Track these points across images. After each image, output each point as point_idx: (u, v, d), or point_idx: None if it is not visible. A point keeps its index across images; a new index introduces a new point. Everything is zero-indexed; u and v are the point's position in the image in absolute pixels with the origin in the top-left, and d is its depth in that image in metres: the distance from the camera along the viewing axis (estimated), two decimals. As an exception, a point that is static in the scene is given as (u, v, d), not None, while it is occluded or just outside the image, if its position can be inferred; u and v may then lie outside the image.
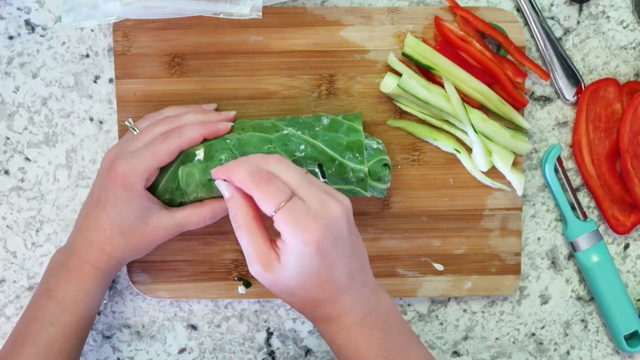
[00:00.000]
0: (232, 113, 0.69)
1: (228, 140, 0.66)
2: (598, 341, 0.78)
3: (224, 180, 0.60)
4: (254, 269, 0.57)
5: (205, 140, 0.66)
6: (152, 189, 0.66)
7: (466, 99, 0.72)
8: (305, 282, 0.56)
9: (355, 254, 0.58)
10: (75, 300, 0.65)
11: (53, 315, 0.64)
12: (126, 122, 0.68)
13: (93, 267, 0.65)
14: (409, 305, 0.77)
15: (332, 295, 0.58)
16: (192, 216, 0.66)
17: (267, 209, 0.55)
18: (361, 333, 0.59)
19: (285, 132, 0.66)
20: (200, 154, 0.66)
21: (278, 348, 0.77)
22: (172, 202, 0.68)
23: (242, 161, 0.58)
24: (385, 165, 0.68)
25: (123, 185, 0.63)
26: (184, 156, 0.66)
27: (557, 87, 0.75)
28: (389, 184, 0.69)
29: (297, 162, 0.65)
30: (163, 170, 0.66)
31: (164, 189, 0.67)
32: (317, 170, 0.66)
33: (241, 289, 0.74)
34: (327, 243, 0.55)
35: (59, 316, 0.64)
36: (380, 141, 0.69)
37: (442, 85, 0.72)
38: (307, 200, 0.55)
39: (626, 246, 0.78)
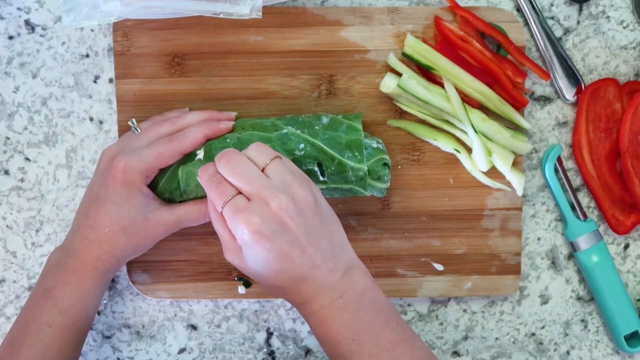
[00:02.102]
0: (234, 114, 0.71)
1: (228, 140, 0.66)
2: (598, 341, 0.78)
3: None
4: (227, 256, 0.62)
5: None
6: (150, 188, 0.66)
7: (466, 99, 0.72)
8: (261, 271, 0.60)
9: (314, 243, 0.60)
10: (73, 302, 0.64)
11: (51, 317, 0.64)
12: (129, 122, 0.68)
13: (92, 267, 0.65)
14: (409, 305, 0.77)
15: (292, 284, 0.60)
16: (192, 212, 0.67)
17: (218, 208, 0.61)
18: (329, 316, 0.60)
19: (284, 131, 0.66)
20: (200, 153, 0.66)
21: (278, 348, 0.77)
22: (171, 202, 0.68)
23: (207, 166, 0.63)
24: (385, 164, 0.68)
25: (123, 181, 0.64)
26: (185, 155, 0.66)
27: (557, 87, 0.75)
28: (389, 184, 0.69)
29: (296, 160, 0.65)
30: (162, 170, 0.66)
31: (163, 189, 0.67)
32: (316, 169, 0.66)
33: (241, 289, 0.74)
34: (266, 236, 0.58)
35: (57, 318, 0.64)
36: (380, 140, 0.69)
37: (442, 85, 0.72)
38: (251, 197, 0.60)
39: (626, 246, 0.78)
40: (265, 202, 0.58)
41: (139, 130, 0.68)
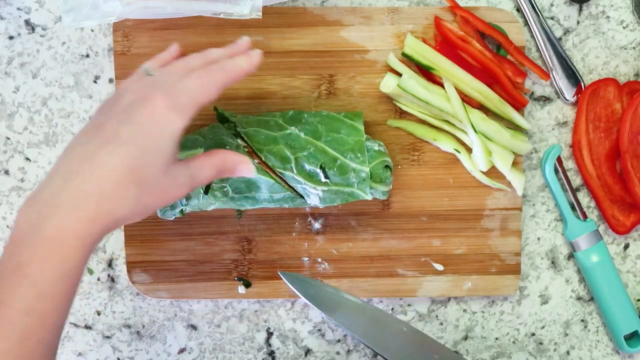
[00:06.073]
0: (246, 38, 0.63)
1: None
2: (598, 341, 0.78)
3: None
4: None
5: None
6: None
7: (466, 99, 0.72)
8: None
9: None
10: (55, 281, 0.50)
11: (27, 302, 0.50)
12: (144, 67, 0.61)
13: (80, 235, 0.51)
14: (409, 305, 0.77)
15: None
16: (204, 166, 0.59)
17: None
18: None
19: (288, 131, 0.67)
20: (201, 151, 0.66)
21: (278, 348, 0.77)
22: (175, 203, 0.68)
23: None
24: (387, 167, 0.68)
25: (163, 119, 0.54)
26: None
27: (557, 87, 0.75)
28: (391, 186, 0.69)
29: (300, 160, 0.65)
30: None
31: None
32: (319, 170, 0.66)
33: (241, 289, 0.74)
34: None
35: (36, 304, 0.50)
36: (382, 143, 0.69)
37: (442, 85, 0.72)
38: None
39: (626, 246, 0.78)
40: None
41: (154, 74, 0.59)
